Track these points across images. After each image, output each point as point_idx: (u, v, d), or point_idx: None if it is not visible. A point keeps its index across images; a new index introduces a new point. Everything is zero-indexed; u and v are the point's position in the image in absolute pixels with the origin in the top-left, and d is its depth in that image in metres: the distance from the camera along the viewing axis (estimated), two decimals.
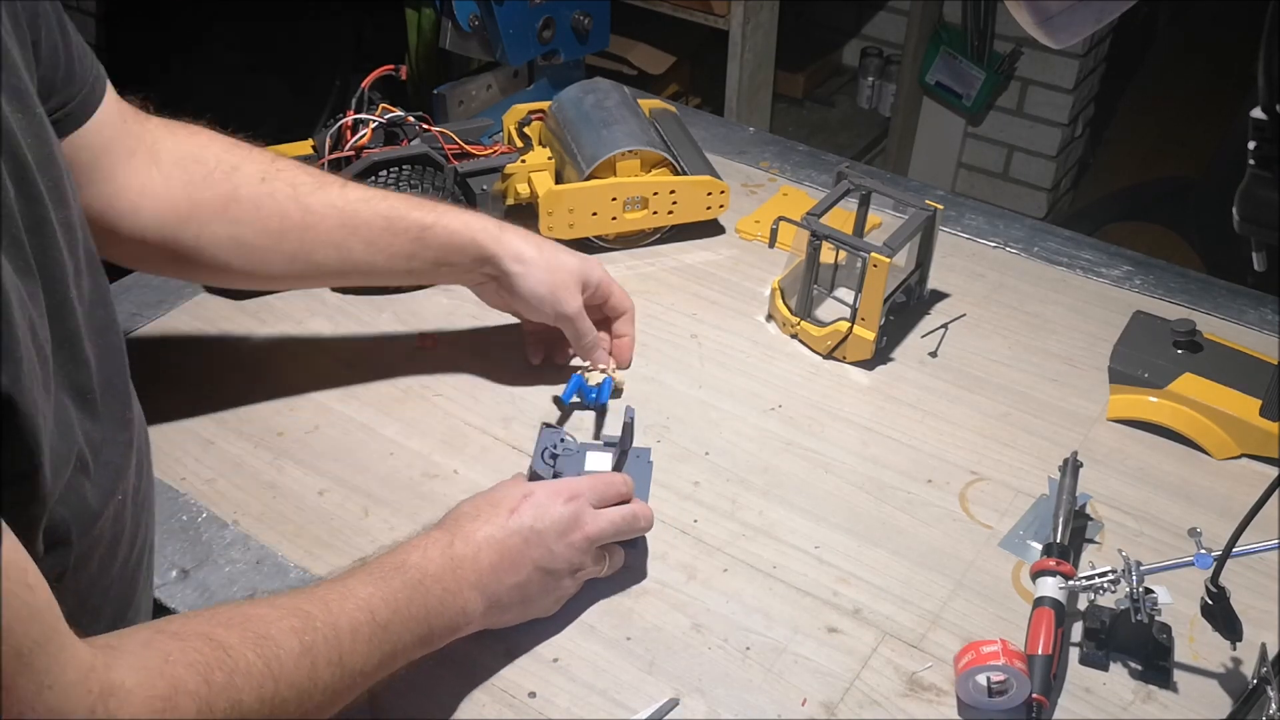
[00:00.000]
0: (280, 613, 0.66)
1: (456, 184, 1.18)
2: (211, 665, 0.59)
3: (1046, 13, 0.69)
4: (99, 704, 0.53)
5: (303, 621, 0.66)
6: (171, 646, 0.58)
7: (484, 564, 0.78)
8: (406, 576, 0.74)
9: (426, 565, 0.75)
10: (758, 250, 1.26)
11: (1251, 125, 0.73)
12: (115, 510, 0.68)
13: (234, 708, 0.59)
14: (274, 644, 0.63)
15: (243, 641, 0.62)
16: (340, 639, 0.67)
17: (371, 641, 0.70)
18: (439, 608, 0.75)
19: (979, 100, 2.83)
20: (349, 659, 0.68)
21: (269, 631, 0.63)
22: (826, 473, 0.99)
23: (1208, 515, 0.95)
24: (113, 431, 0.69)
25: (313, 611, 0.67)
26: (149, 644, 0.58)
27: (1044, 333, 1.15)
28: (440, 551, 0.77)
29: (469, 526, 0.79)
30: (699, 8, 2.32)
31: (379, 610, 0.70)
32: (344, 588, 0.71)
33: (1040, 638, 0.81)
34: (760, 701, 0.81)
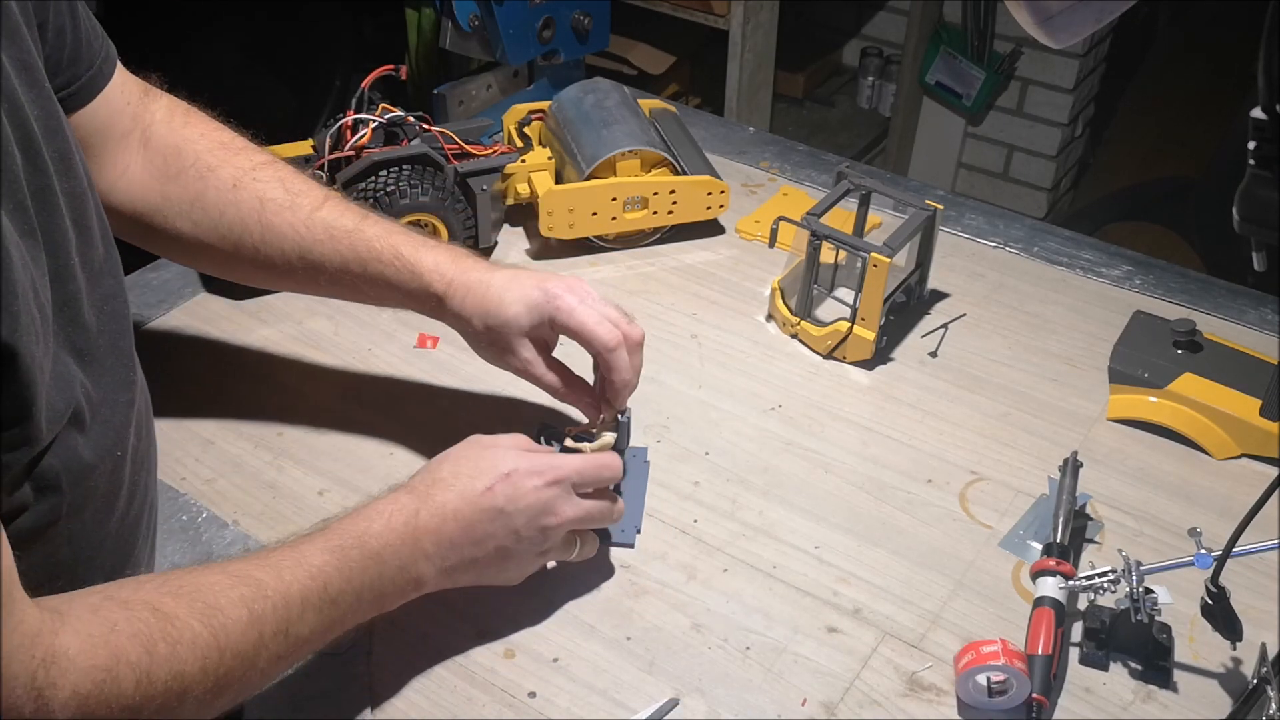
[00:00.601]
0: (231, 580, 0.66)
1: (456, 184, 1.18)
2: (155, 636, 0.60)
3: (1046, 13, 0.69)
4: (40, 670, 0.54)
5: (253, 590, 0.66)
6: (118, 615, 0.59)
7: (445, 537, 0.77)
8: (365, 549, 0.73)
9: (387, 537, 0.75)
10: (758, 250, 1.26)
11: (1251, 125, 0.73)
12: (112, 465, 0.69)
13: (176, 678, 0.60)
14: (222, 614, 0.64)
15: (190, 612, 0.62)
16: (290, 608, 0.68)
17: (321, 611, 0.70)
18: (393, 578, 0.75)
19: (979, 100, 2.83)
20: (296, 628, 0.68)
21: (218, 601, 0.64)
22: (826, 473, 0.99)
23: (1208, 515, 0.95)
24: (113, 392, 0.70)
25: (264, 580, 0.67)
26: (97, 610, 0.59)
27: (1044, 333, 1.15)
28: (404, 521, 0.76)
29: (439, 496, 0.78)
30: (699, 8, 2.32)
31: (332, 581, 0.71)
32: (299, 554, 0.71)
33: (1040, 638, 0.81)
34: (760, 701, 0.81)
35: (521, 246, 1.26)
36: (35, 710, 0.54)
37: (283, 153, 1.20)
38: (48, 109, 0.65)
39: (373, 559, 0.73)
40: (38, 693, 0.54)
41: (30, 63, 0.64)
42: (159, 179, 0.89)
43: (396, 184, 1.12)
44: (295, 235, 0.90)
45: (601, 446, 0.87)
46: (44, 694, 0.54)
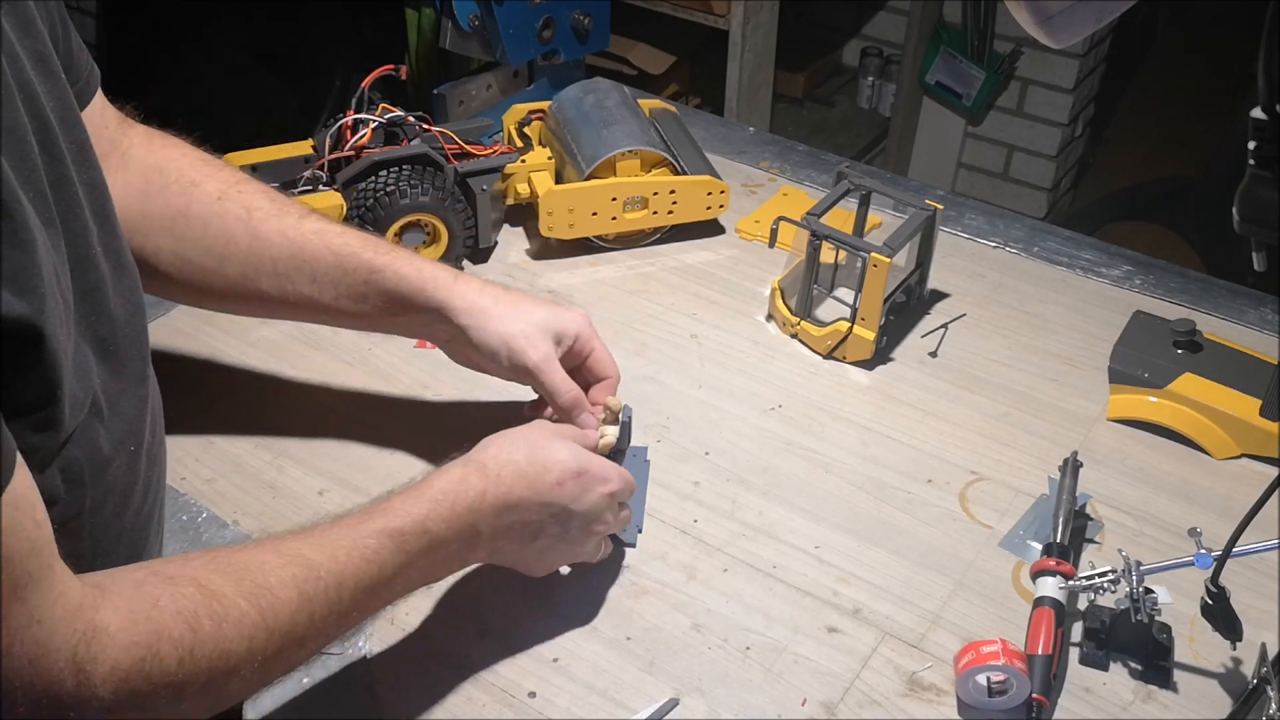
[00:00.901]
0: (283, 559, 0.65)
1: (456, 184, 1.18)
2: (200, 613, 0.59)
3: (1046, 13, 0.69)
4: (82, 644, 0.54)
5: (306, 570, 0.65)
6: (161, 591, 0.59)
7: (503, 523, 0.77)
8: (425, 536, 0.73)
9: (451, 523, 0.74)
10: (758, 250, 1.26)
11: (1251, 125, 0.73)
12: (128, 460, 0.69)
13: (221, 656, 0.60)
14: (271, 594, 0.63)
15: (238, 590, 0.62)
16: (342, 590, 0.67)
17: (372, 595, 0.70)
18: (445, 560, 0.76)
19: (979, 100, 2.83)
20: (348, 608, 0.68)
21: (268, 580, 0.63)
22: (826, 473, 0.99)
23: (1208, 515, 0.95)
24: (132, 385, 0.70)
25: (318, 560, 0.66)
26: (140, 586, 0.59)
27: (1044, 333, 1.15)
28: (468, 506, 0.75)
29: (509, 481, 0.77)
30: (699, 8, 2.32)
31: (386, 566, 0.70)
32: (355, 535, 0.70)
33: (1040, 638, 0.81)
34: (760, 701, 0.81)
35: (521, 246, 1.26)
36: (76, 684, 0.54)
37: (283, 153, 1.20)
38: (63, 100, 0.65)
39: (430, 546, 0.73)
40: (78, 667, 0.54)
41: (46, 54, 0.65)
42: (139, 198, 0.88)
43: (396, 184, 1.12)
44: (284, 239, 0.89)
45: (605, 446, 0.88)
46: (85, 668, 0.54)
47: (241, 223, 0.89)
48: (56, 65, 0.66)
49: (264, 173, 1.18)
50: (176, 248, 0.89)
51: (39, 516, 0.53)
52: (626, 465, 0.91)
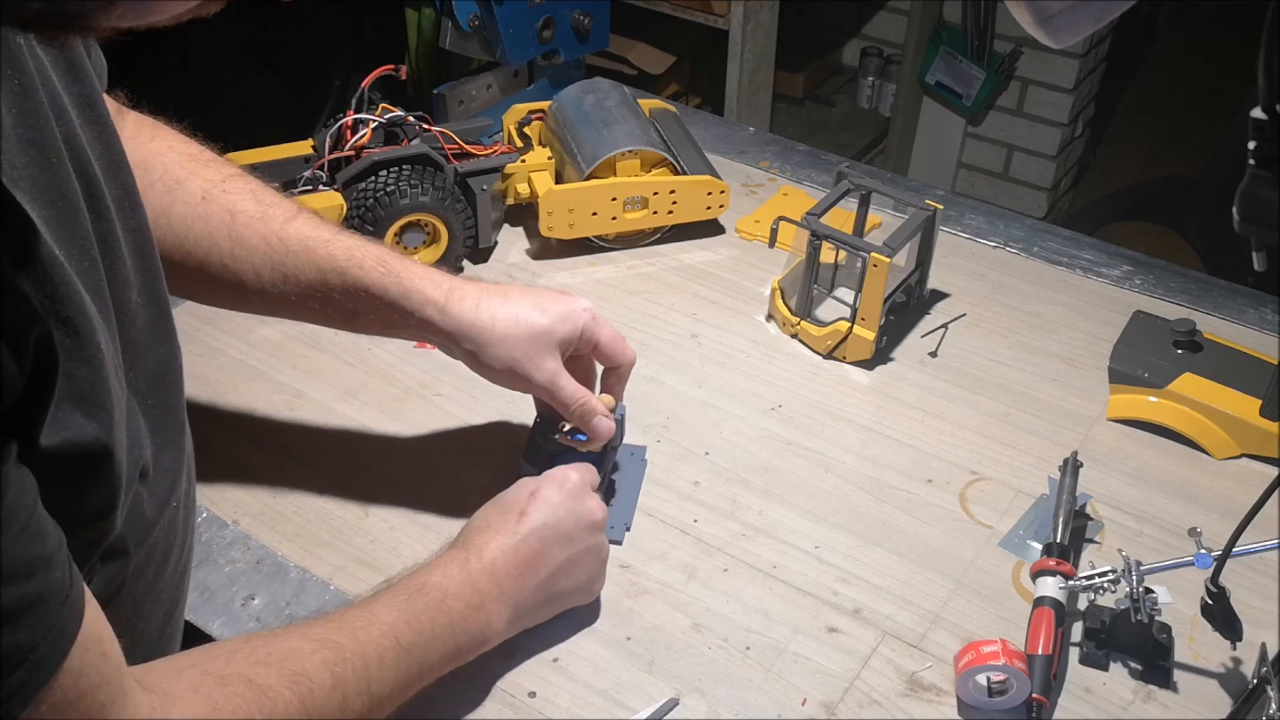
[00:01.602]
0: (313, 645, 0.67)
1: (456, 184, 1.18)
2: (253, 710, 0.61)
3: (1046, 13, 0.69)
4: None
5: (334, 653, 0.67)
6: (217, 694, 0.61)
7: (502, 574, 0.78)
8: (429, 597, 0.75)
9: (447, 585, 0.76)
10: (758, 250, 1.26)
11: (1251, 125, 0.73)
12: (169, 517, 0.68)
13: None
14: (309, 680, 0.65)
15: (280, 681, 0.64)
16: (368, 667, 0.69)
17: (398, 666, 0.71)
18: (462, 624, 0.76)
19: (979, 100, 2.83)
20: (376, 685, 0.69)
21: (304, 668, 0.65)
22: (826, 473, 0.99)
23: (1208, 515, 0.95)
24: (173, 436, 0.69)
25: (342, 642, 0.68)
26: (197, 690, 0.60)
27: (1044, 333, 1.15)
28: (459, 569, 0.77)
29: (479, 540, 0.79)
30: (699, 8, 2.32)
31: (403, 634, 0.72)
32: (369, 613, 0.72)
33: (1040, 637, 0.81)
34: (760, 701, 0.81)
35: (521, 246, 1.26)
36: None
37: (282, 153, 1.20)
38: (110, 143, 0.63)
39: (437, 604, 0.75)
40: None
41: (94, 98, 0.62)
42: None
43: (396, 184, 1.12)
44: (267, 248, 0.85)
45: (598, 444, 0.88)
46: None
47: (224, 227, 0.85)
48: (104, 110, 0.63)
49: (264, 173, 1.16)
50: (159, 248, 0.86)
51: (106, 647, 0.53)
52: (623, 463, 0.91)
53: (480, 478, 0.96)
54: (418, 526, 0.93)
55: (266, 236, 0.86)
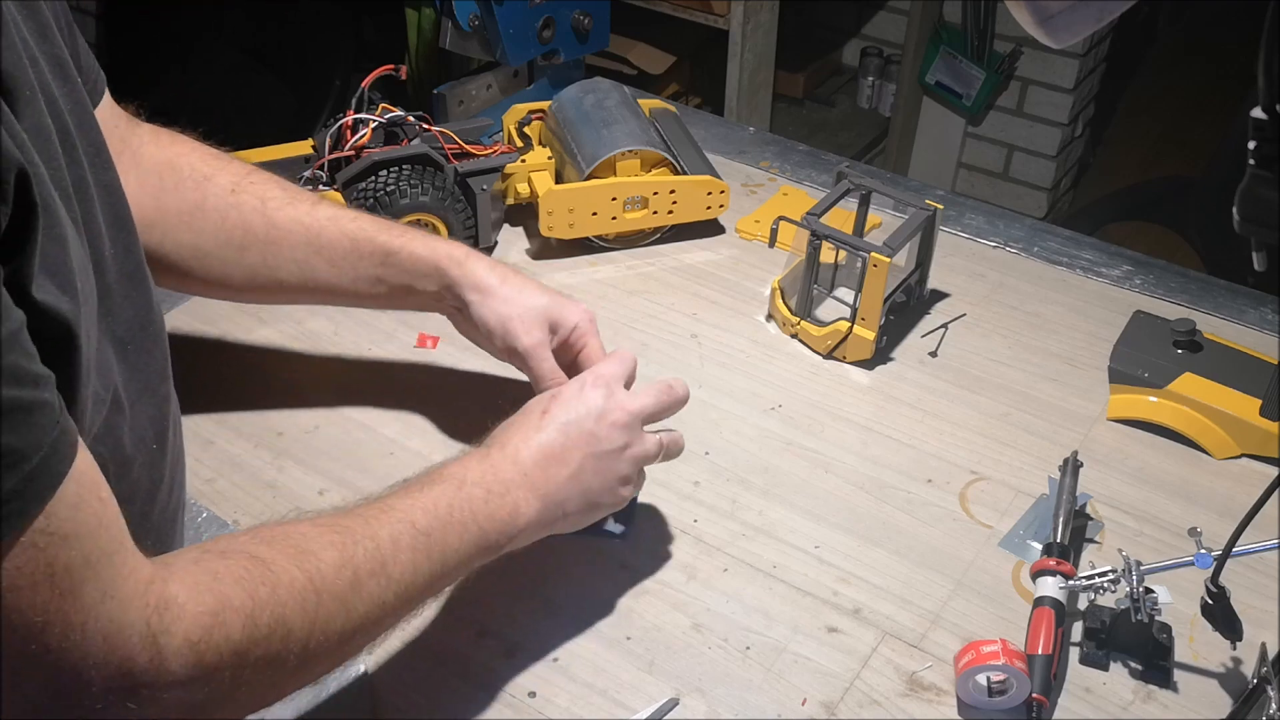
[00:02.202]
0: (320, 529, 0.67)
1: (456, 184, 1.18)
2: (256, 581, 0.60)
3: (1046, 13, 0.69)
4: (154, 616, 0.55)
5: (342, 535, 0.67)
6: (219, 565, 0.60)
7: (526, 463, 0.78)
8: (446, 484, 0.74)
9: (465, 473, 0.75)
10: (758, 250, 1.26)
11: (1252, 125, 0.73)
12: (152, 458, 0.70)
13: (278, 621, 0.61)
14: (314, 557, 0.64)
15: (284, 556, 0.63)
16: (381, 550, 0.68)
17: (416, 550, 0.70)
18: (485, 509, 0.75)
19: (979, 100, 2.83)
20: (394, 570, 0.68)
21: (310, 546, 0.65)
22: (826, 473, 0.99)
23: (1208, 515, 0.95)
24: (153, 383, 0.71)
25: (351, 525, 0.68)
26: (198, 562, 0.60)
27: (1044, 333, 1.15)
28: (478, 460, 0.77)
29: (503, 436, 0.79)
30: (699, 8, 2.32)
31: (419, 519, 0.71)
32: (382, 503, 0.71)
33: (1040, 637, 0.81)
34: (760, 701, 0.81)
35: (521, 246, 1.26)
36: (149, 659, 0.54)
37: (282, 153, 1.20)
38: (80, 104, 0.66)
39: (455, 493, 0.74)
40: (152, 639, 0.54)
41: (61, 58, 0.65)
42: (154, 195, 0.89)
43: (396, 184, 1.13)
44: (300, 227, 0.92)
45: None
46: (158, 640, 0.54)
47: (257, 213, 0.91)
48: (72, 70, 0.66)
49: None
50: (195, 241, 0.90)
51: (104, 494, 0.53)
52: None
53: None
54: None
55: (298, 217, 0.92)
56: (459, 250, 0.94)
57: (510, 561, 0.80)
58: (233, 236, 0.91)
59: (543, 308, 0.92)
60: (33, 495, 0.48)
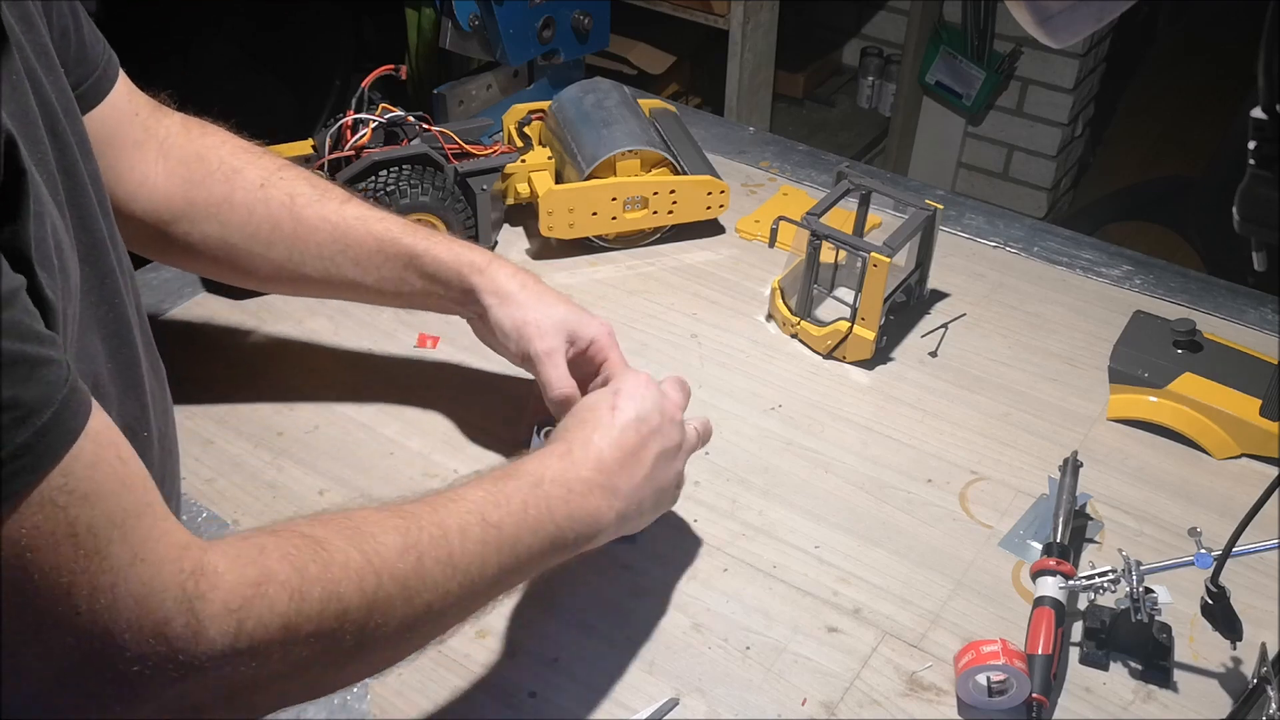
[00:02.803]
0: (384, 514, 0.65)
1: (456, 184, 1.18)
2: (307, 558, 0.59)
3: (1046, 13, 0.69)
4: (190, 582, 0.53)
5: (406, 520, 0.65)
6: (267, 540, 0.59)
7: (609, 462, 0.77)
8: (521, 480, 0.73)
9: (544, 471, 0.74)
10: (758, 250, 1.26)
11: (1252, 125, 0.73)
12: (142, 446, 0.69)
13: (331, 598, 0.59)
14: (374, 539, 0.62)
15: (340, 536, 0.61)
16: (449, 538, 0.66)
17: (485, 542, 0.68)
18: (563, 509, 0.73)
19: (979, 100, 2.83)
20: (460, 559, 0.66)
21: (369, 529, 0.63)
22: (826, 473, 0.99)
23: (1208, 515, 0.95)
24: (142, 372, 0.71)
25: (418, 511, 0.66)
26: (245, 538, 0.59)
27: (1044, 333, 1.15)
28: (558, 458, 0.76)
29: (581, 433, 0.78)
30: (699, 8, 2.32)
31: (490, 511, 0.69)
32: (453, 493, 0.70)
33: (1040, 637, 0.81)
34: (760, 701, 0.81)
35: (521, 246, 1.26)
36: (186, 623, 0.52)
37: (283, 153, 1.20)
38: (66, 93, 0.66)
39: (532, 489, 0.72)
40: (188, 604, 0.53)
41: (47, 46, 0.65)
42: (182, 186, 0.90)
43: (396, 184, 1.13)
44: (328, 225, 0.92)
45: None
46: (194, 606, 0.53)
47: (285, 209, 0.92)
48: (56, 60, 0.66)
49: None
50: (222, 233, 0.91)
51: (124, 453, 0.52)
52: None
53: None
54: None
55: (326, 215, 0.93)
56: (482, 257, 0.94)
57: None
58: (259, 231, 0.91)
59: (560, 317, 0.92)
60: (45, 450, 0.47)
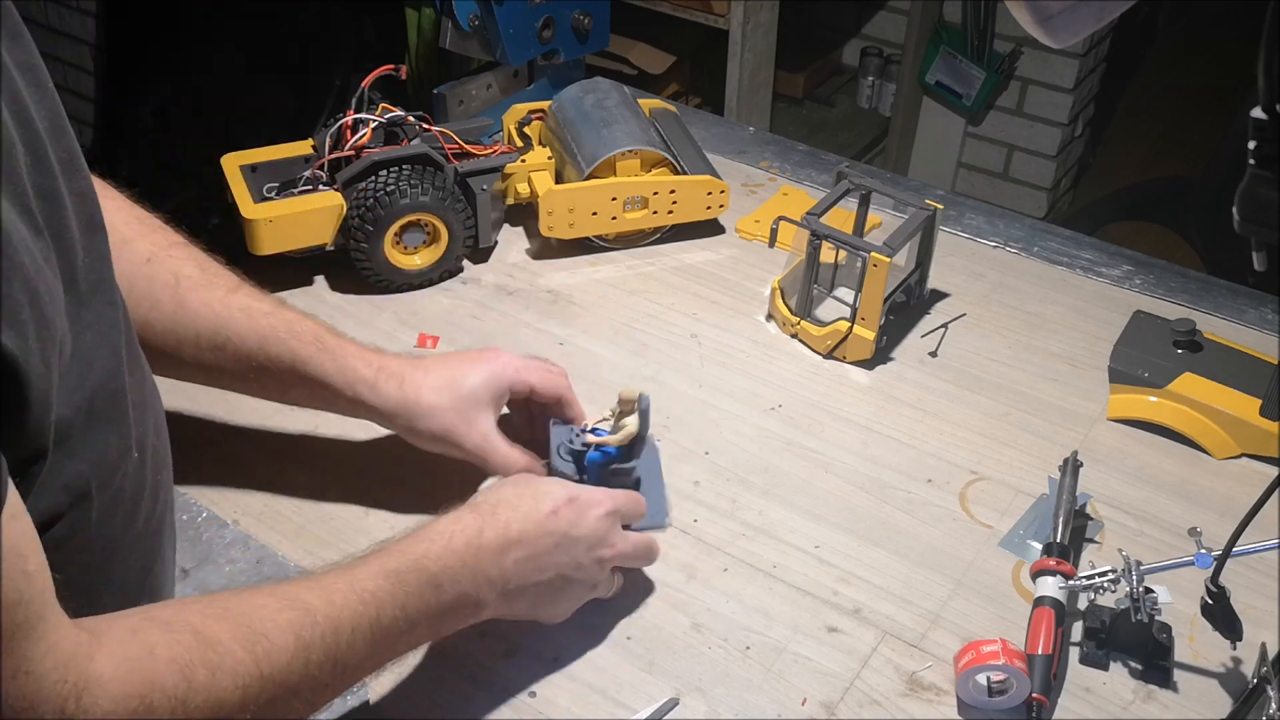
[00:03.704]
0: (280, 604, 0.64)
1: (456, 184, 1.18)
2: (195, 662, 0.58)
3: (1046, 12, 0.69)
4: (72, 696, 0.53)
5: (302, 615, 0.65)
6: (157, 638, 0.58)
7: (509, 559, 0.76)
8: (422, 573, 0.72)
9: (447, 559, 0.73)
10: (758, 250, 1.26)
11: (1252, 125, 0.73)
12: (134, 466, 0.68)
13: (214, 706, 0.58)
14: (267, 640, 0.62)
15: (234, 636, 0.61)
16: (339, 636, 0.66)
17: (373, 641, 0.68)
18: (451, 603, 0.74)
19: (979, 100, 2.83)
20: (346, 656, 0.66)
21: (264, 627, 0.62)
22: (826, 472, 0.99)
23: (1208, 515, 0.95)
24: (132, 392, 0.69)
25: (314, 604, 0.66)
26: (136, 632, 0.58)
27: (1044, 333, 1.15)
28: (465, 542, 0.74)
29: (505, 515, 0.77)
30: (699, 8, 2.32)
31: (385, 608, 0.69)
32: (352, 578, 0.69)
33: (1040, 637, 0.81)
34: (760, 701, 0.81)
35: (521, 246, 1.26)
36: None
37: (282, 153, 1.20)
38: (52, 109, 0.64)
39: (430, 583, 0.72)
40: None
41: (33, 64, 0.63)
42: None
43: (396, 184, 1.13)
44: (210, 313, 0.87)
45: (626, 436, 0.88)
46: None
47: (168, 289, 0.86)
48: (44, 75, 0.64)
49: (264, 173, 1.18)
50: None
51: (30, 567, 0.51)
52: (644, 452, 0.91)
53: (480, 477, 0.96)
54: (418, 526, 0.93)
55: (210, 303, 0.87)
56: (368, 367, 0.89)
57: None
58: (138, 310, 0.85)
59: (469, 394, 0.89)
60: None
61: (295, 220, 1.12)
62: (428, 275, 1.19)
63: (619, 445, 0.88)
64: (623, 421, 0.88)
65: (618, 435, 0.87)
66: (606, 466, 0.88)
